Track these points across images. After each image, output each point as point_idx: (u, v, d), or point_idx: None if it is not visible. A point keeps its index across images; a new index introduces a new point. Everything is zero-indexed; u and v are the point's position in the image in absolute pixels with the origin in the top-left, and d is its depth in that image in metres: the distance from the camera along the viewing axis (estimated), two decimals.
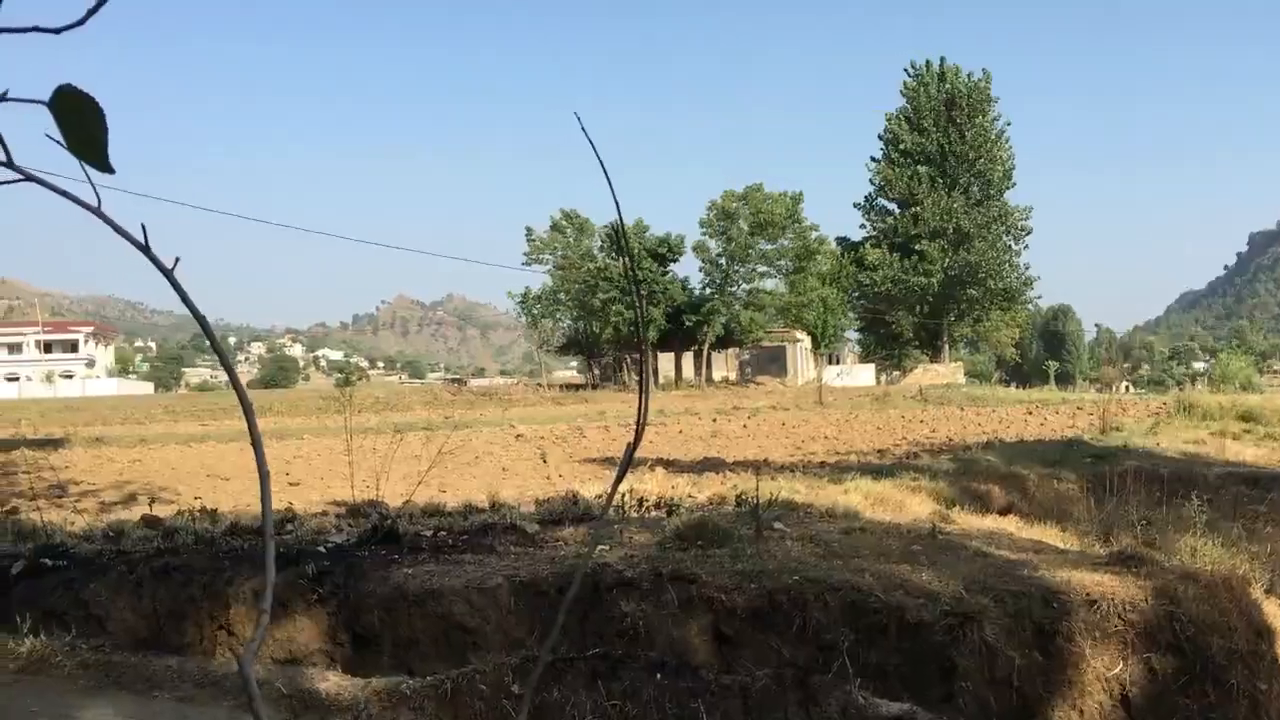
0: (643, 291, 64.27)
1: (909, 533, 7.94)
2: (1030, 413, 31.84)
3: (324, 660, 6.80)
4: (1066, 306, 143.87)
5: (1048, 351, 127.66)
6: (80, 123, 0.94)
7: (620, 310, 63.94)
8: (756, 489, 8.62)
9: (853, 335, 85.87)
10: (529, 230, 70.41)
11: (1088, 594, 6.22)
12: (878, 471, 13.20)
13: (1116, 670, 6.01)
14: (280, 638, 6.91)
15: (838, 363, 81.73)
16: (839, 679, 5.45)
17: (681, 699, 5.30)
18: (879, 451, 19.64)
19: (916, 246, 73.55)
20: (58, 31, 0.89)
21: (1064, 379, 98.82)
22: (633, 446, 1.20)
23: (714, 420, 30.77)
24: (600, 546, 7.53)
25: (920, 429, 26.32)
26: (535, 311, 72.63)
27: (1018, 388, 63.59)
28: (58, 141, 1.09)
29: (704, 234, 67.57)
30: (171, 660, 6.83)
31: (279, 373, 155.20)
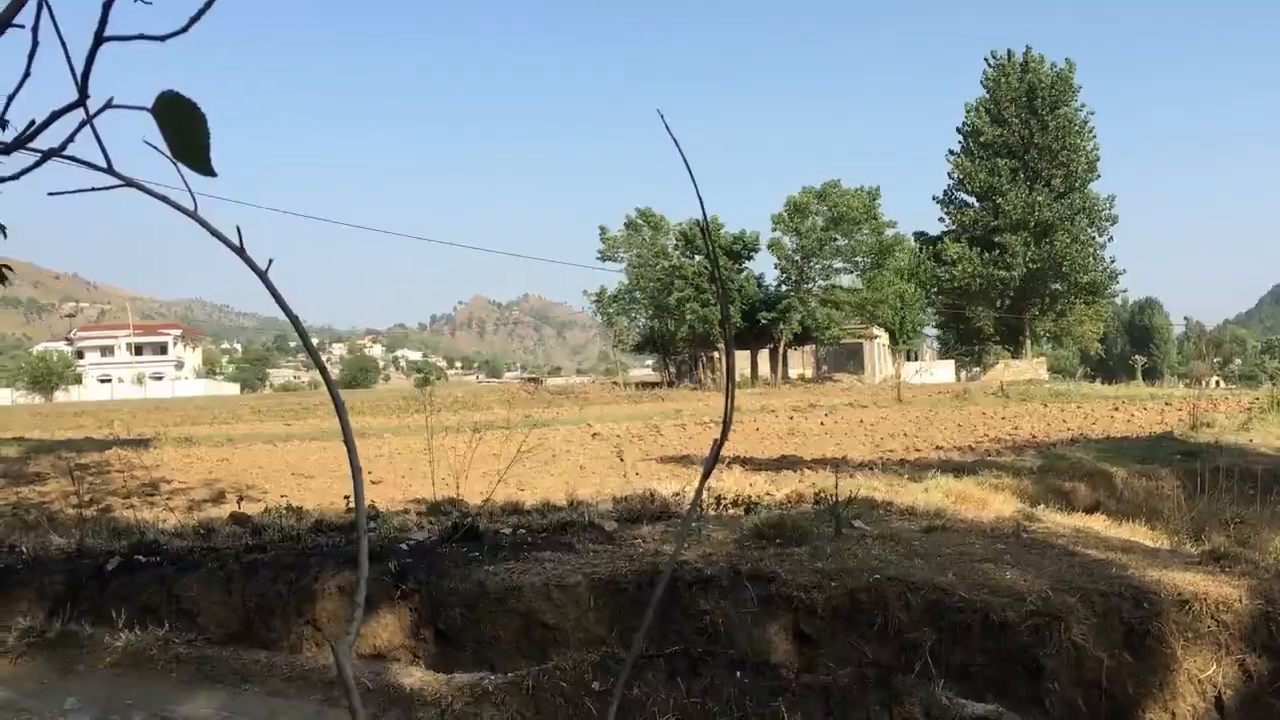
0: (717, 289, 64.12)
1: (992, 531, 7.81)
2: (1116, 409, 31.10)
3: (407, 656, 6.90)
4: (1153, 299, 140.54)
5: (1134, 346, 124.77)
6: (183, 128, 0.97)
7: (695, 308, 63.88)
8: (835, 487, 8.56)
9: (931, 331, 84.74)
10: (603, 229, 70.72)
11: (1179, 594, 6.07)
12: (959, 469, 13.01)
13: (1209, 672, 5.85)
14: (365, 633, 7.03)
15: (916, 359, 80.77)
16: (922, 679, 5.39)
17: (762, 697, 5.28)
18: (959, 449, 19.35)
19: (997, 240, 72.24)
20: (163, 39, 0.92)
21: (1151, 374, 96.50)
22: (719, 443, 1.20)
23: (790, 418, 30.59)
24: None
25: (1002, 426, 25.86)
26: (610, 310, 72.92)
27: (1103, 383, 62.20)
28: (155, 147, 1.12)
29: (777, 231, 67.22)
30: (261, 655, 6.98)
31: (360, 373, 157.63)
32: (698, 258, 65.90)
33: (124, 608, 7.61)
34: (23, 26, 1.22)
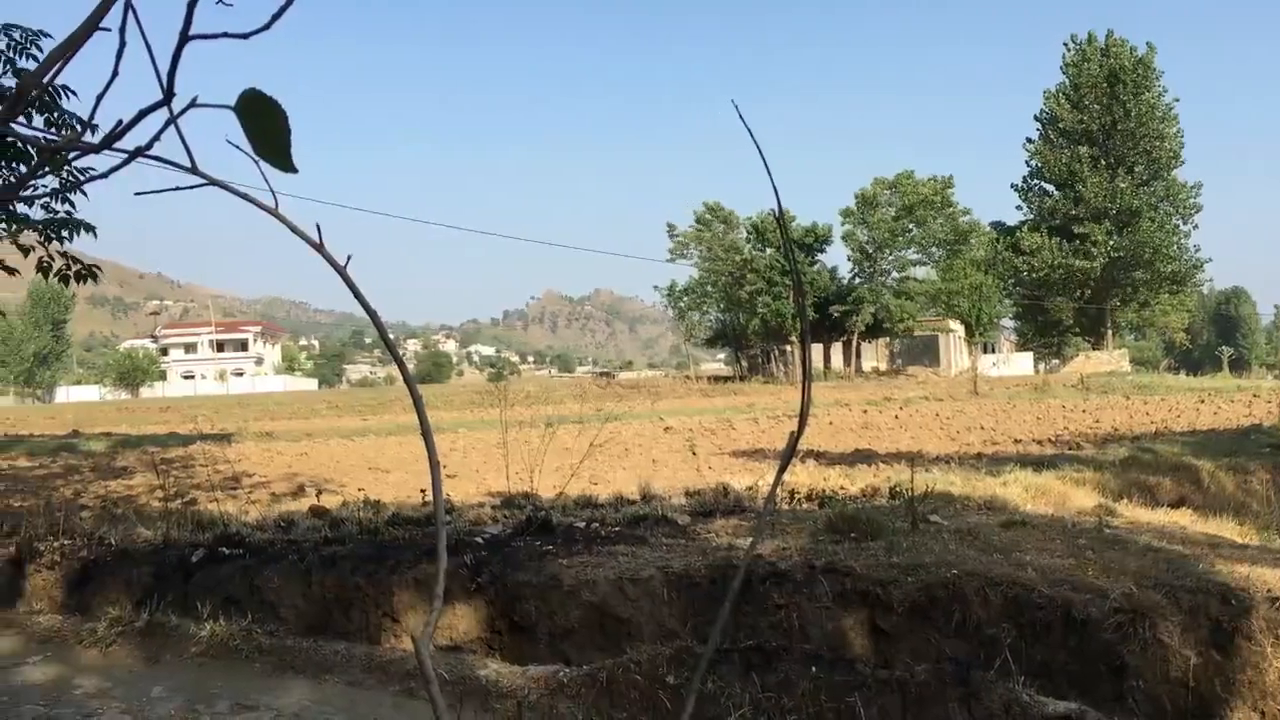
0: (789, 282, 63.77)
1: (1073, 526, 7.66)
2: (1202, 401, 30.31)
3: (483, 647, 6.96)
4: (1241, 289, 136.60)
5: (1220, 337, 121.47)
6: (265, 126, 0.98)
7: (767, 301, 63.62)
8: (911, 481, 8.46)
9: (1009, 323, 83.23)
10: (671, 227, 70.78)
11: (1269, 590, 5.89)
12: (1038, 463, 12.78)
13: None
14: (442, 625, 7.11)
15: (993, 351, 79.58)
16: (1002, 676, 5.30)
17: (838, 693, 5.24)
18: (1038, 442, 19.00)
19: (1077, 229, 70.68)
20: (245, 36, 0.93)
21: (1238, 365, 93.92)
22: (796, 436, 1.19)
23: (864, 411, 30.32)
24: (752, 539, 7.51)
25: (1082, 419, 25.34)
26: (682, 304, 72.94)
27: (1188, 375, 60.61)
28: (237, 146, 1.13)
29: (847, 224, 66.63)
30: (340, 646, 7.10)
31: (434, 368, 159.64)
32: (769, 251, 65.62)
33: (208, 599, 7.79)
34: (109, 29, 1.25)
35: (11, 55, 7.27)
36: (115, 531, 9.31)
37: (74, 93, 7.13)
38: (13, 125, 1.31)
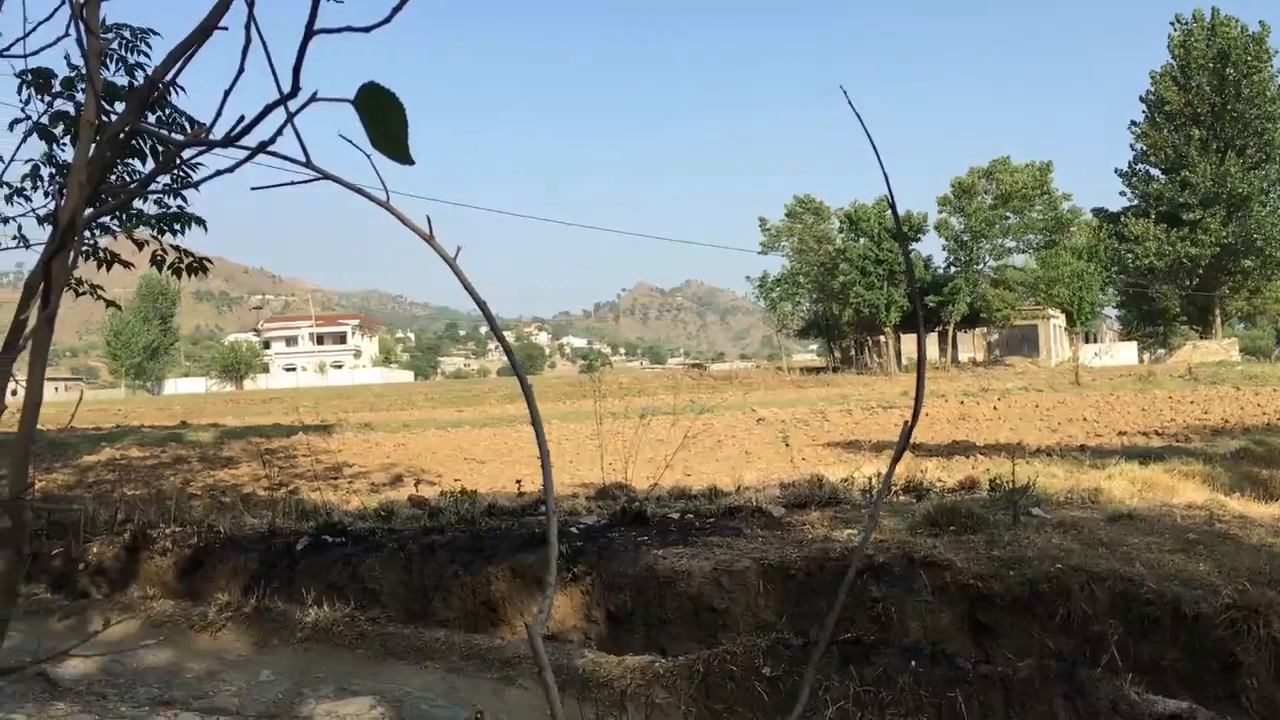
0: (884, 271, 63.02)
1: (1182, 520, 7.42)
2: None
3: (579, 637, 7.02)
4: None
5: None
6: (383, 119, 0.99)
7: (861, 292, 62.88)
8: (1012, 473, 8.29)
9: (1111, 312, 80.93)
10: (762, 220, 70.42)
11: None
12: (1144, 455, 12.43)
13: None
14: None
15: (1095, 341, 77.51)
16: (1109, 673, 5.17)
17: (938, 687, 5.16)
18: (1144, 434, 18.48)
19: (1185, 215, 68.33)
20: (368, 30, 0.95)
21: None
22: (910, 426, 1.17)
23: (961, 402, 29.81)
24: (848, 531, 7.44)
25: (1190, 410, 24.55)
26: (774, 295, 72.52)
27: None
28: (350, 140, 1.15)
29: (943, 213, 65.46)
30: (440, 633, 7.22)
31: (526, 360, 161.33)
32: (862, 240, 64.85)
33: (313, 585, 7.99)
34: (226, 29, 1.28)
35: (123, 54, 7.52)
36: (224, 519, 9.59)
37: (183, 89, 7.36)
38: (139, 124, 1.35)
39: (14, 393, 1.40)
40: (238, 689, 6.34)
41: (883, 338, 67.45)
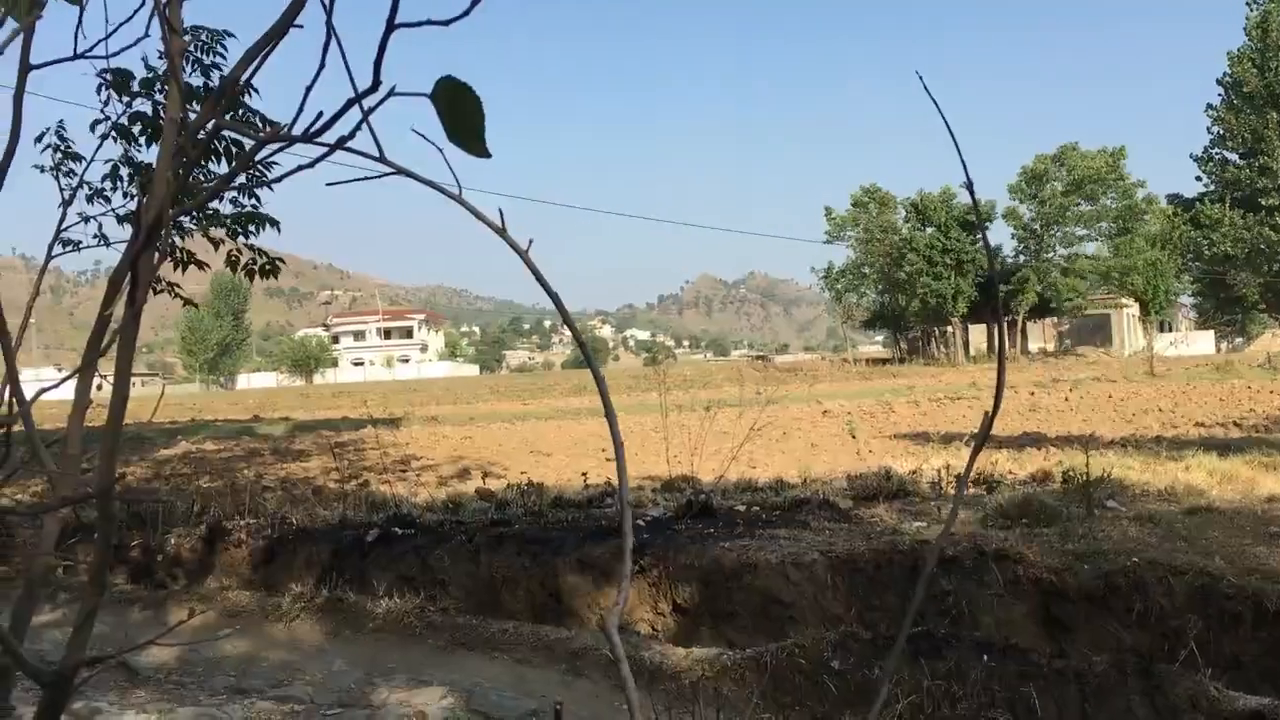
0: (951, 261, 62.19)
1: (1263, 513, 7.24)
2: None
3: (646, 629, 7.03)
4: None
5: None
6: (460, 112, 1.00)
7: (928, 282, 62.11)
8: (1086, 465, 8.14)
9: (1187, 300, 78.93)
10: (828, 210, 69.80)
11: None
12: (1222, 447, 12.11)
13: None
14: (606, 606, 7.21)
15: (1170, 330, 75.78)
16: (1187, 668, 5.05)
17: (1011, 682, 5.09)
18: (1222, 425, 18.01)
19: (1263, 200, 66.36)
20: (447, 24, 0.95)
21: None
22: (990, 416, 1.15)
23: (1031, 393, 29.30)
24: (917, 523, 7.37)
25: (1270, 401, 23.88)
26: (839, 286, 71.90)
27: None
28: (423, 135, 1.16)
29: (1014, 200, 64.34)
30: (508, 624, 7.28)
31: (590, 354, 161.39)
32: (929, 230, 64.04)
33: (383, 577, 8.11)
34: (301, 26, 1.29)
35: (199, 56, 7.67)
36: (296, 512, 9.76)
37: (257, 90, 7.49)
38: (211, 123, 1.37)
39: (99, 388, 1.43)
40: (312, 678, 6.44)
41: (950, 328, 66.59)
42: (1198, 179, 72.96)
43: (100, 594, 1.19)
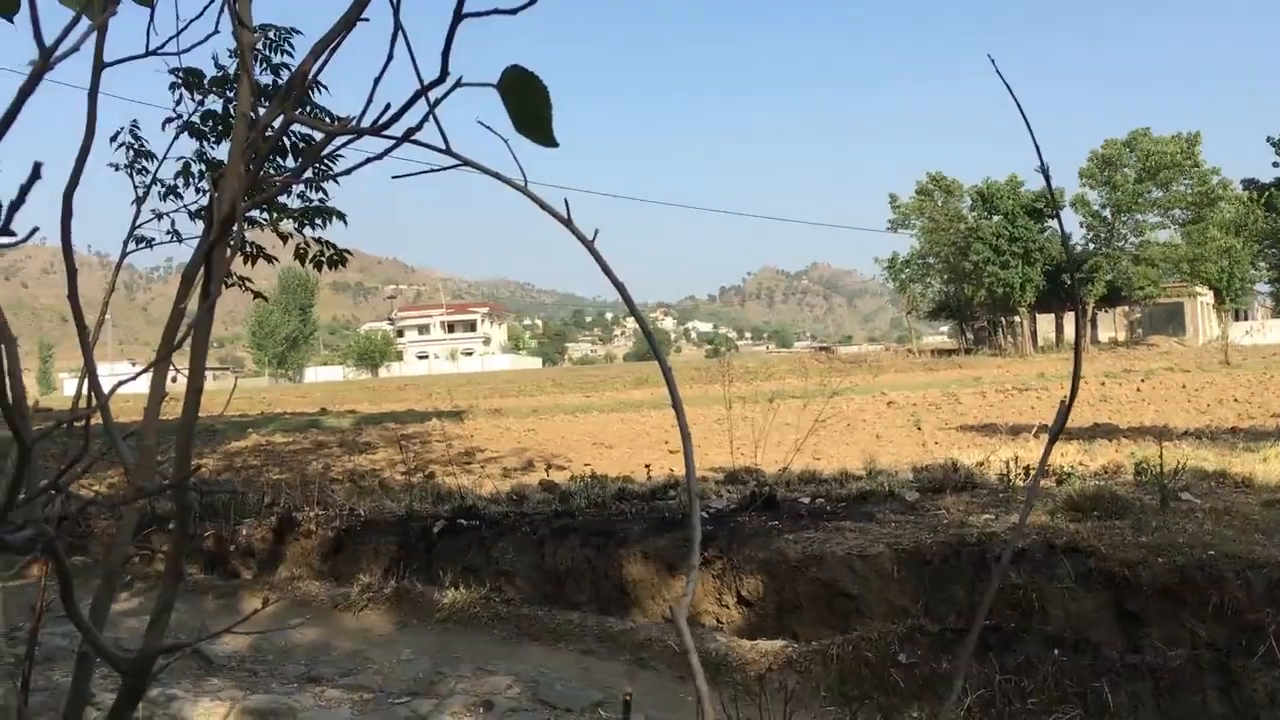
0: (1018, 250, 61.21)
1: None
2: None
3: (711, 621, 7.02)
4: None
5: None
6: (527, 102, 0.99)
7: (995, 271, 61.18)
8: (1159, 456, 7.97)
9: (1263, 288, 76.89)
10: (893, 197, 69.02)
11: None
12: None
13: None
14: (669, 598, 7.22)
15: (1246, 319, 73.92)
16: (1266, 664, 4.93)
17: (1082, 677, 5.01)
18: None
19: None
20: (514, 12, 0.95)
21: None
22: (1068, 405, 1.12)
23: (1102, 384, 28.77)
24: (985, 515, 7.27)
25: None
26: (904, 276, 71.13)
27: None
28: (488, 127, 1.16)
29: (1084, 185, 63.05)
30: (573, 615, 7.32)
31: (658, 344, 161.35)
32: (996, 218, 63.08)
33: (449, 567, 8.19)
34: (368, 20, 1.30)
35: (268, 54, 7.79)
36: (364, 503, 9.89)
37: (325, 87, 7.59)
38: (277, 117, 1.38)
39: (174, 380, 1.45)
40: (380, 667, 6.53)
41: (1017, 318, 65.58)
42: (1275, 164, 70.93)
43: (177, 583, 1.21)
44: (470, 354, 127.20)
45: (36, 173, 0.83)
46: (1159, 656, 5.12)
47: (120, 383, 1.19)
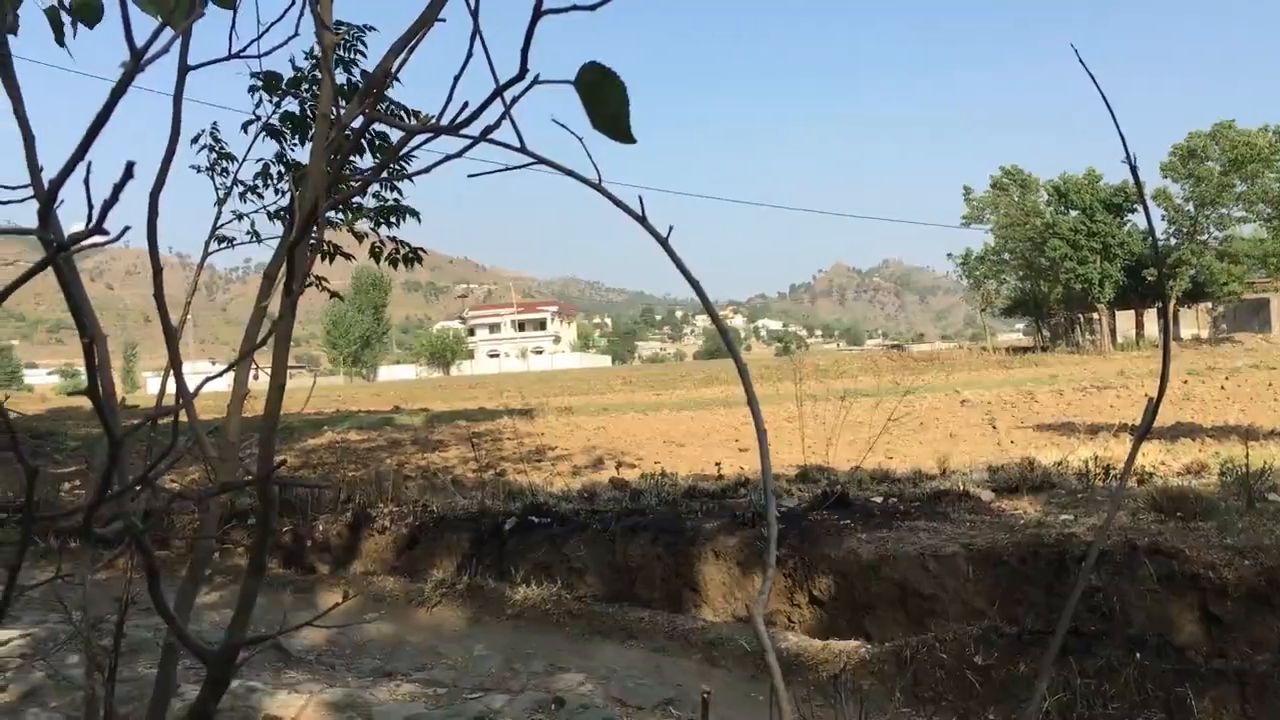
0: (1097, 245, 59.94)
1: None
2: None
3: (783, 620, 6.98)
4: None
5: None
6: (604, 98, 0.99)
7: (1072, 267, 59.96)
8: (1245, 456, 7.75)
9: None
10: (966, 190, 67.95)
11: None
12: None
13: None
14: (740, 596, 7.19)
15: None
16: None
17: (1165, 681, 4.89)
18: None
19: None
20: (592, 8, 0.95)
21: None
22: (1156, 401, 1.09)
23: (1184, 382, 28.06)
24: (1064, 516, 7.13)
25: None
26: (978, 273, 70.04)
27: None
28: (563, 125, 1.16)
29: (1166, 178, 61.48)
30: (644, 613, 7.33)
31: (721, 344, 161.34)
32: (1073, 213, 61.81)
33: (520, 564, 8.24)
34: (444, 20, 1.30)
35: (341, 53, 7.89)
36: (437, 500, 9.99)
37: (400, 80, 7.62)
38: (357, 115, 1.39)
39: (255, 377, 1.48)
40: (453, 662, 6.60)
41: (1095, 315, 64.20)
42: None
43: (260, 576, 1.23)
44: (540, 352, 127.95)
45: (129, 172, 0.85)
46: (1245, 661, 4.98)
47: (206, 379, 1.21)
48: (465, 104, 1.04)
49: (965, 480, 8.94)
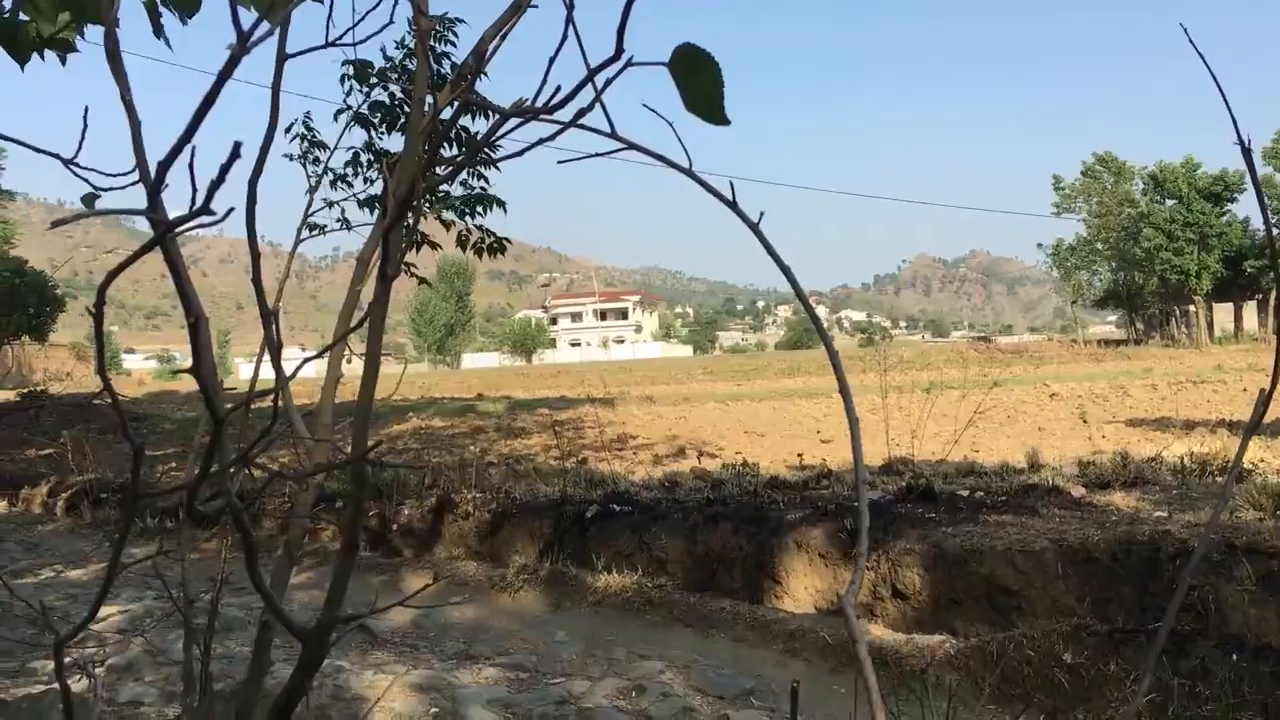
0: (1193, 235, 58.22)
1: None
2: None
3: (865, 614, 6.91)
4: None
5: None
6: (698, 80, 0.99)
7: (1168, 257, 58.33)
8: None
9: None
10: (1057, 179, 66.50)
11: None
12: None
13: None
14: (822, 589, 7.14)
15: None
16: None
17: (1264, 684, 4.74)
18: None
19: None
20: None
21: None
22: (1269, 393, 1.05)
23: None
24: (1158, 513, 6.95)
25: None
26: (1069, 264, 68.53)
27: None
28: (653, 110, 1.15)
29: (1269, 166, 59.44)
30: (725, 603, 7.32)
31: (805, 334, 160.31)
32: (1169, 202, 60.11)
33: (601, 552, 8.28)
34: (536, 5, 1.31)
35: (433, 43, 8.01)
36: (519, 487, 10.09)
37: (486, 74, 7.75)
38: (450, 102, 1.40)
39: (348, 361, 1.50)
40: (535, 647, 6.66)
41: (1192, 307, 62.44)
42: None
43: (353, 556, 1.25)
44: (622, 341, 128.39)
45: (236, 151, 0.87)
46: None
47: (304, 360, 1.23)
48: (558, 88, 1.04)
49: (1054, 475, 8.75)
